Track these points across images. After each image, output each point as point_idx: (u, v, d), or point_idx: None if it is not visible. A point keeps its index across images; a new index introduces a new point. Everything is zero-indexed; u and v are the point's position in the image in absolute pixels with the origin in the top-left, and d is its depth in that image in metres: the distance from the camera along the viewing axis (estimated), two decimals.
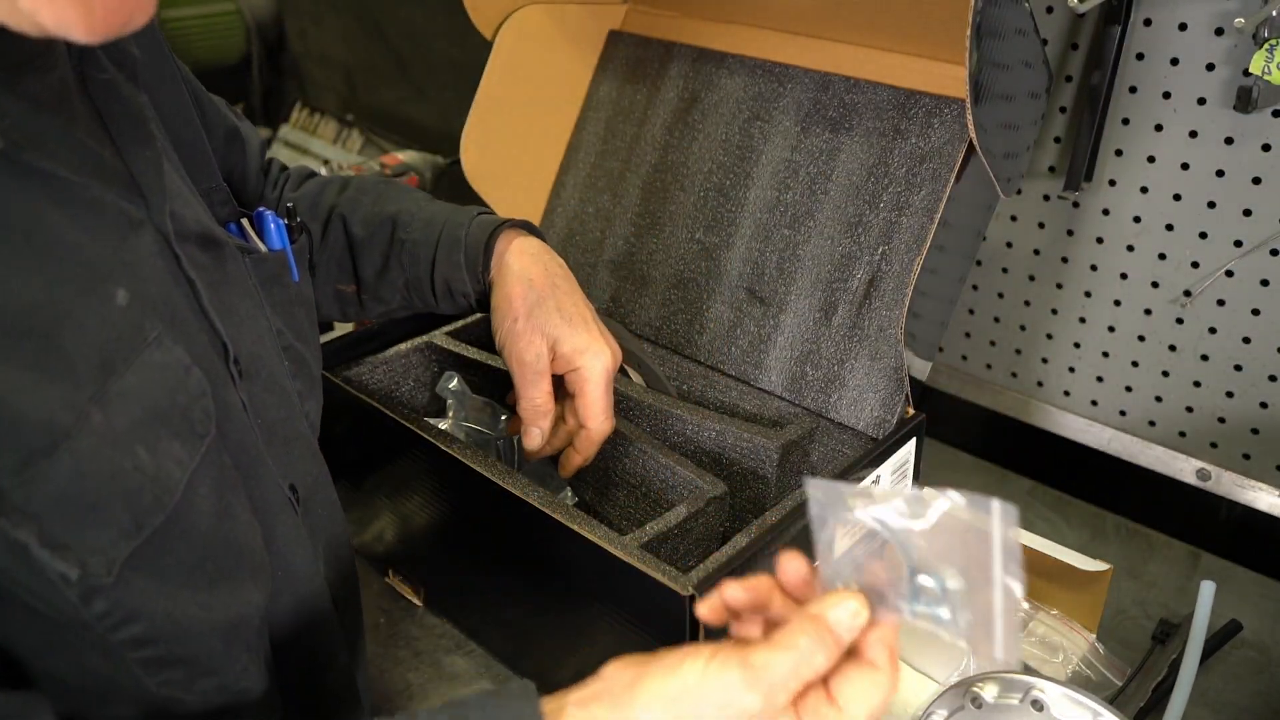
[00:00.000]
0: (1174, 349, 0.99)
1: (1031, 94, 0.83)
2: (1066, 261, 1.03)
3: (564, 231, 1.09)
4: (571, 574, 0.73)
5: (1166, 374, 1.00)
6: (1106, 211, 0.98)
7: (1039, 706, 0.67)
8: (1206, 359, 0.97)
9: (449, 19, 1.60)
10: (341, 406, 0.85)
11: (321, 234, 0.82)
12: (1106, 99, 0.92)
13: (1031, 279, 1.06)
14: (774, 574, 0.49)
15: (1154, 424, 1.03)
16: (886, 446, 0.81)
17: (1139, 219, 0.96)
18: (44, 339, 0.43)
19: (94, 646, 0.47)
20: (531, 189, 1.09)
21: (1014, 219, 1.05)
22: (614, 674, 0.47)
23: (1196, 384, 0.98)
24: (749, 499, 0.86)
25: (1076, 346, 1.06)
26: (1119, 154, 0.95)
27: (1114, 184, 0.96)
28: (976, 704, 0.68)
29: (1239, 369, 0.95)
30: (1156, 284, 0.97)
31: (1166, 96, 0.90)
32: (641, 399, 0.90)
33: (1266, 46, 0.80)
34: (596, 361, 0.76)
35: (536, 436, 0.79)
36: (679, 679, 0.45)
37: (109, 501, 0.44)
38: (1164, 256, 0.96)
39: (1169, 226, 0.95)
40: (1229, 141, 0.88)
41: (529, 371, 0.77)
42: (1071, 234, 1.01)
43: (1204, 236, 0.93)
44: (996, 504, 0.41)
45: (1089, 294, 1.02)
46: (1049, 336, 1.07)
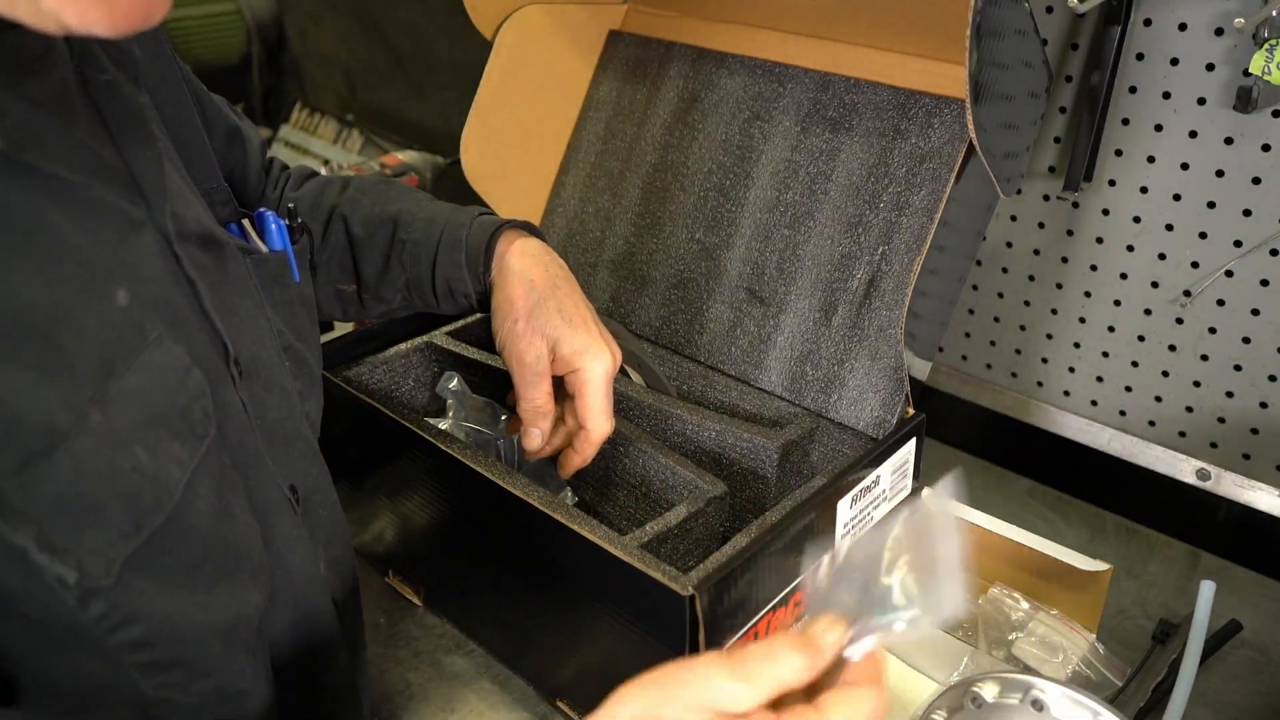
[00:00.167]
0: (1174, 349, 0.99)
1: (1031, 94, 0.83)
2: (1066, 261, 1.03)
3: (564, 231, 1.09)
4: (571, 574, 0.73)
5: (1166, 374, 1.00)
6: (1106, 211, 0.98)
7: (1039, 706, 0.67)
8: (1206, 359, 0.97)
9: (449, 19, 1.60)
10: (341, 406, 0.85)
11: (322, 234, 0.82)
12: (1106, 99, 0.92)
13: (1031, 279, 1.06)
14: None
15: (1154, 424, 1.03)
16: (886, 446, 0.81)
17: (1139, 219, 0.96)
18: (44, 339, 0.43)
19: (90, 651, 0.46)
20: (531, 189, 1.09)
21: (1014, 219, 1.05)
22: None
23: (1196, 384, 0.98)
24: (749, 499, 0.86)
25: (1076, 346, 1.06)
26: (1119, 154, 0.95)
27: (1114, 184, 0.96)
28: (976, 704, 0.68)
29: (1239, 369, 0.95)
30: (1156, 284, 0.97)
31: (1166, 96, 0.90)
32: (641, 399, 0.90)
33: (1266, 46, 0.80)
34: (597, 363, 0.76)
35: (536, 437, 0.79)
36: (660, 670, 0.45)
37: (108, 502, 0.44)
38: (1164, 256, 0.96)
39: (1169, 226, 0.95)
40: (1229, 141, 0.88)
41: (529, 373, 0.77)
42: (1071, 234, 1.01)
43: (1204, 236, 0.93)
44: (937, 486, 0.43)
45: (1089, 294, 1.02)
46: (1049, 336, 1.07)
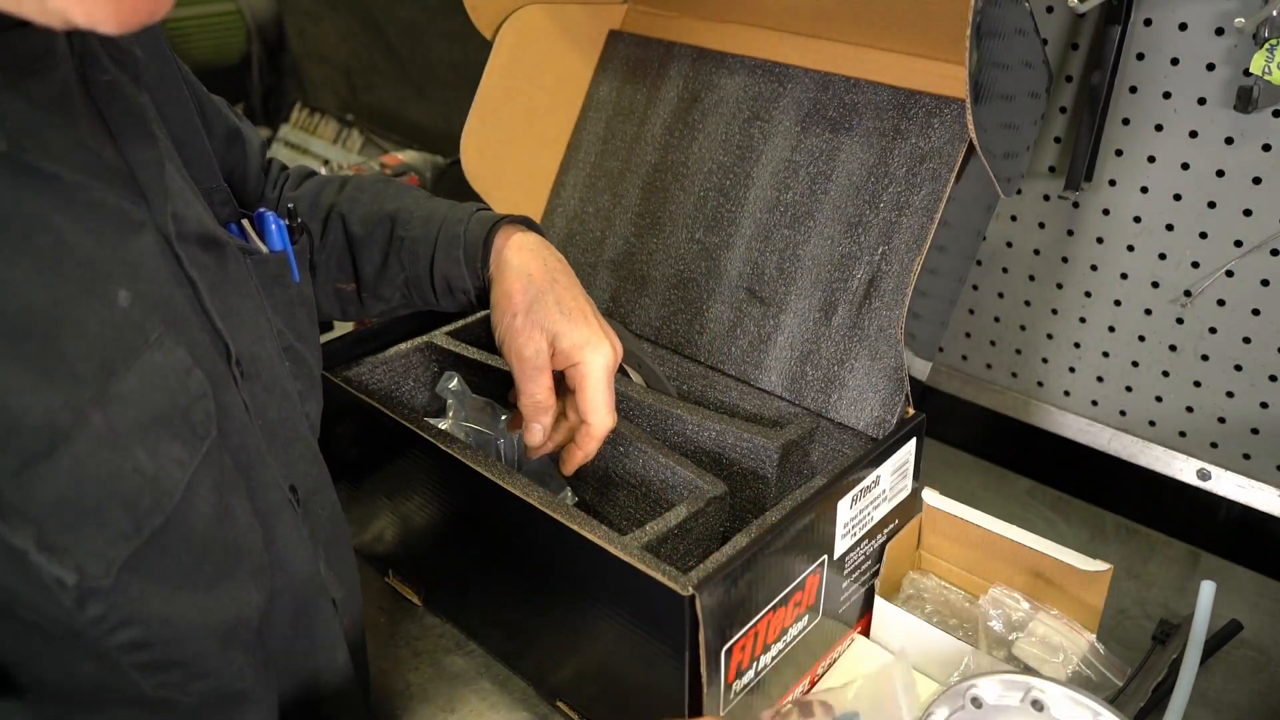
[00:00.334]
0: (1174, 349, 0.99)
1: (1031, 94, 0.83)
2: (1066, 261, 1.03)
3: (564, 231, 1.09)
4: (571, 574, 0.73)
5: (1166, 374, 1.00)
6: (1106, 211, 0.98)
7: (1039, 706, 0.67)
8: (1207, 359, 0.97)
9: (449, 19, 1.60)
10: (342, 407, 0.85)
11: (320, 233, 0.82)
12: (1106, 99, 0.92)
13: (1031, 279, 1.06)
14: None
15: (1154, 424, 1.03)
16: (886, 446, 0.81)
17: (1139, 219, 0.96)
18: (45, 340, 0.42)
19: (86, 652, 0.46)
20: (531, 189, 1.09)
21: (1014, 219, 1.05)
22: None
23: (1196, 384, 0.98)
24: (749, 499, 0.86)
25: (1076, 346, 1.06)
26: (1119, 154, 0.95)
27: (1114, 184, 0.96)
28: (976, 704, 0.68)
29: (1239, 369, 0.95)
30: (1157, 284, 0.97)
31: (1166, 96, 0.90)
32: (641, 399, 0.90)
33: (1267, 46, 0.80)
34: (597, 356, 0.75)
35: (538, 433, 0.78)
36: None
37: (108, 504, 0.44)
38: (1164, 256, 0.96)
39: (1169, 226, 0.95)
40: (1229, 141, 0.88)
41: (528, 367, 0.76)
42: (1071, 234, 1.01)
43: (1204, 236, 0.93)
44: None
45: (1089, 294, 1.02)
46: (1049, 336, 1.07)
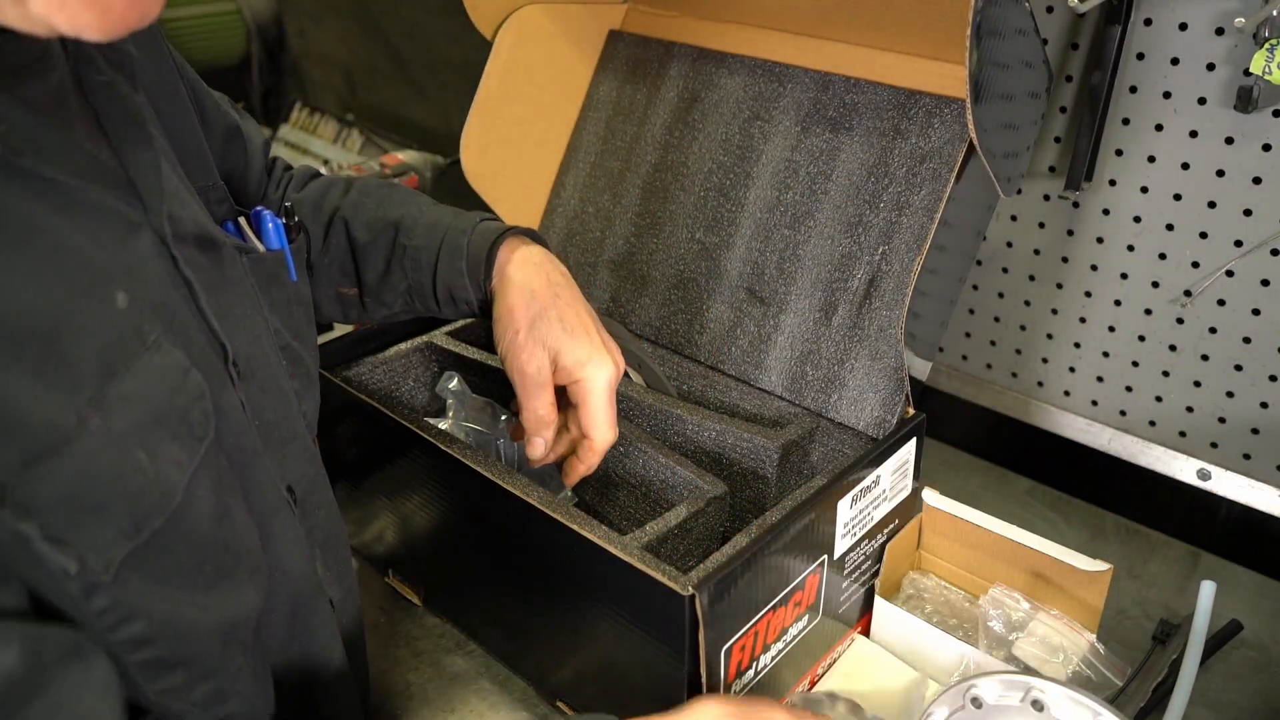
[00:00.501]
0: (1174, 349, 0.99)
1: (1031, 94, 0.82)
2: (1066, 261, 1.03)
3: (564, 231, 1.09)
4: (571, 574, 0.73)
5: (1167, 374, 1.00)
6: (1106, 211, 0.98)
7: (1039, 706, 0.67)
8: (1207, 359, 0.97)
9: (449, 19, 1.60)
10: (341, 406, 0.85)
11: (324, 237, 0.82)
12: (1106, 99, 0.92)
13: (1031, 279, 1.06)
14: None
15: (1154, 424, 1.03)
16: (886, 446, 0.81)
17: (1139, 219, 0.96)
18: (45, 343, 0.43)
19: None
20: (531, 189, 1.09)
21: (1014, 219, 1.05)
22: None
23: (1197, 384, 0.98)
24: (749, 499, 0.86)
25: (1076, 346, 1.06)
26: (1119, 154, 0.95)
27: (1114, 184, 0.96)
28: (976, 704, 0.68)
29: (1239, 369, 0.95)
30: (1157, 284, 0.97)
31: (1166, 96, 0.90)
32: (641, 399, 0.90)
33: (1267, 46, 0.80)
34: (599, 373, 0.76)
35: (540, 446, 0.79)
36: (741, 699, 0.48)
37: (110, 503, 0.44)
38: (1164, 256, 0.96)
39: (1169, 226, 0.95)
40: (1229, 141, 0.88)
41: (531, 383, 0.76)
42: (1071, 234, 1.01)
43: (1204, 236, 0.93)
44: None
45: (1089, 294, 1.02)
46: (1049, 336, 1.07)
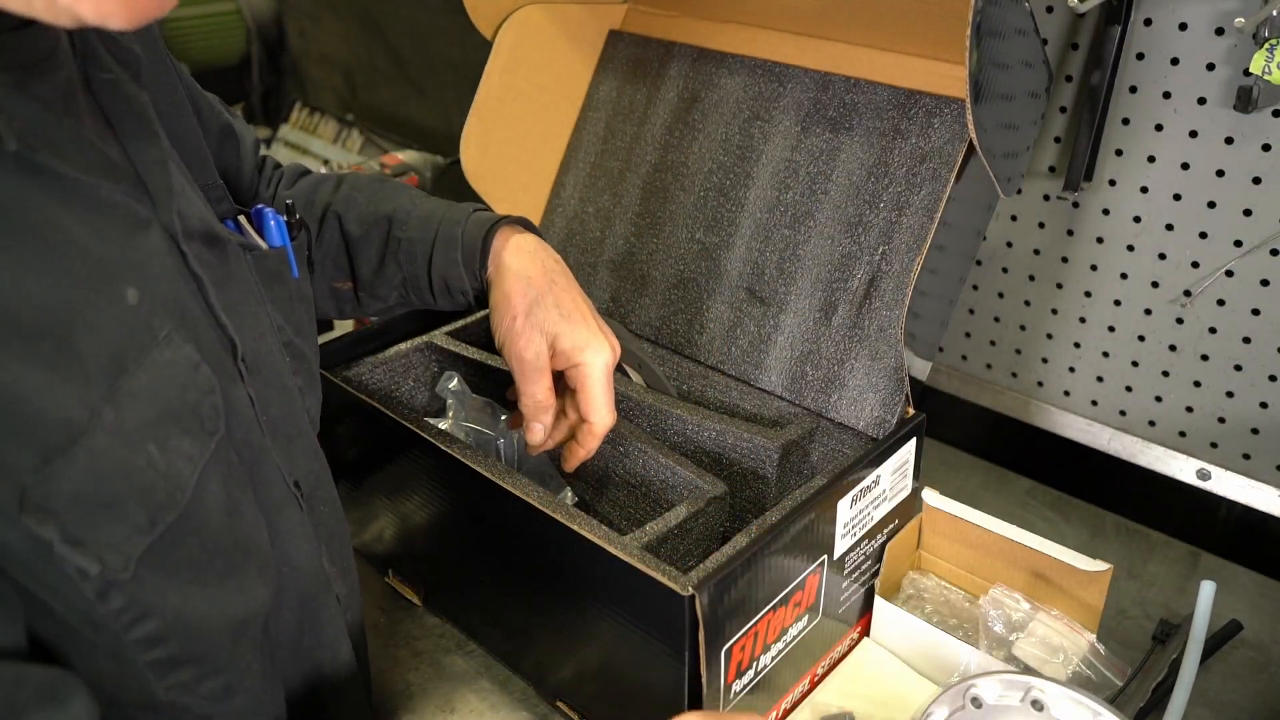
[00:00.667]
0: (1174, 349, 0.99)
1: (1031, 94, 0.83)
2: (1066, 261, 1.03)
3: (564, 231, 1.09)
4: (571, 574, 0.73)
5: (1166, 374, 1.00)
6: (1106, 211, 0.98)
7: (1039, 706, 0.67)
8: (1206, 359, 0.97)
9: (449, 19, 1.60)
10: (341, 406, 0.85)
11: (317, 232, 0.82)
12: (1106, 99, 0.92)
13: (1031, 279, 1.06)
14: None
15: (1154, 424, 1.03)
16: (886, 446, 0.81)
17: (1139, 219, 0.96)
18: (58, 338, 0.43)
19: (106, 650, 0.47)
20: (531, 189, 1.09)
21: (1014, 219, 1.05)
22: None
23: (1196, 384, 0.98)
24: (749, 499, 0.86)
25: (1076, 346, 1.06)
26: (1119, 154, 0.95)
27: (1114, 184, 0.96)
28: (976, 704, 0.68)
29: (1239, 369, 0.95)
30: (1156, 284, 0.97)
31: (1166, 96, 0.90)
32: (641, 399, 0.90)
33: (1266, 46, 0.80)
34: (596, 357, 0.76)
35: (539, 432, 0.79)
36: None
37: (124, 498, 0.45)
38: (1164, 256, 0.96)
39: (1169, 226, 0.95)
40: (1229, 141, 0.88)
41: (529, 369, 0.77)
42: (1071, 234, 1.01)
43: (1204, 236, 0.93)
44: None
45: (1089, 294, 1.02)
46: (1049, 336, 1.07)
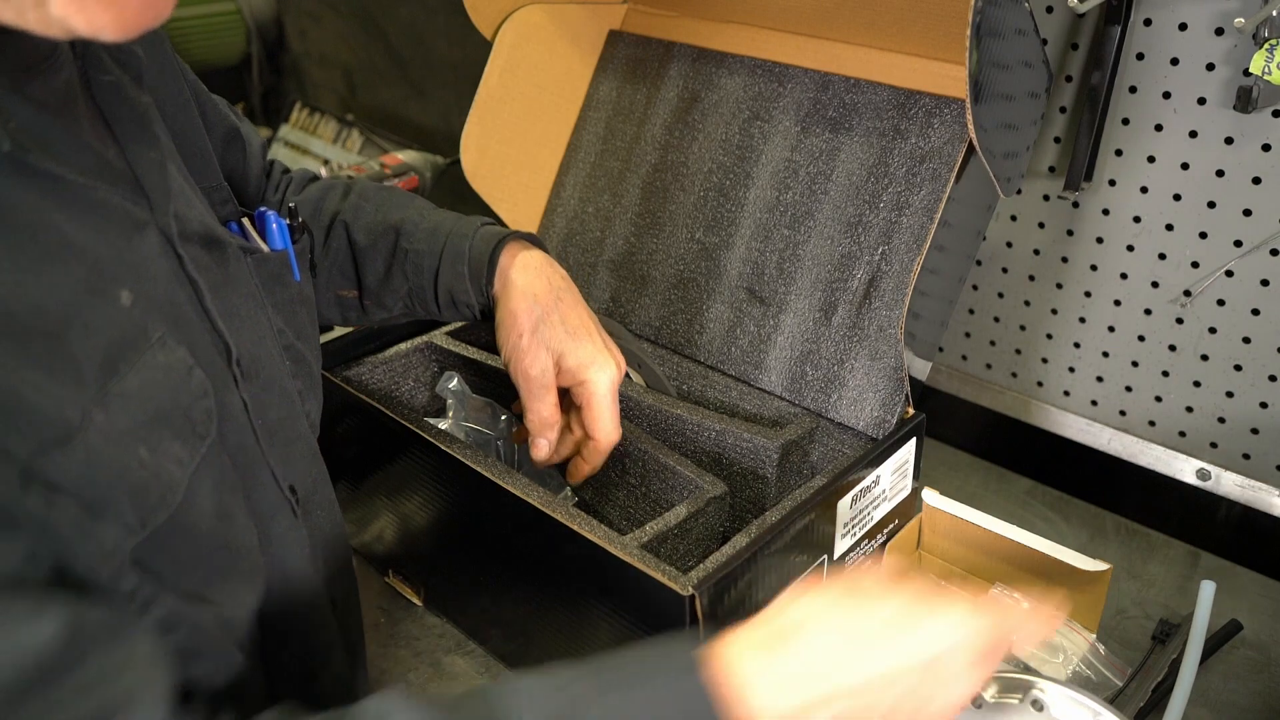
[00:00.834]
0: (1174, 349, 0.99)
1: (1031, 94, 0.83)
2: (1066, 261, 1.03)
3: (564, 231, 1.09)
4: (571, 574, 0.73)
5: (1166, 374, 1.00)
6: (1106, 211, 0.98)
7: (1039, 706, 0.67)
8: (1206, 359, 0.97)
9: (449, 19, 1.60)
10: (341, 407, 0.85)
11: (324, 240, 0.82)
12: (1106, 99, 0.92)
13: (1031, 279, 1.06)
14: None
15: (1154, 424, 1.03)
16: (886, 446, 0.81)
17: (1139, 219, 0.96)
18: (52, 339, 0.43)
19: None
20: (531, 189, 1.09)
21: (1014, 219, 1.05)
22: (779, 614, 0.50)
23: (1196, 384, 0.98)
24: (749, 499, 0.86)
25: (1076, 346, 1.06)
26: (1119, 154, 0.95)
27: (1114, 184, 0.96)
28: (976, 704, 0.68)
29: (1239, 369, 0.95)
30: (1156, 284, 0.97)
31: (1166, 96, 0.90)
32: (641, 399, 0.90)
33: (1266, 46, 0.80)
34: (602, 375, 0.76)
35: (544, 448, 0.79)
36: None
37: (116, 499, 0.45)
38: (1164, 256, 0.96)
39: (1169, 226, 0.95)
40: (1229, 141, 0.88)
41: (535, 386, 0.77)
42: (1071, 234, 1.01)
43: (1204, 236, 0.93)
44: None
45: (1089, 294, 1.02)
46: (1049, 336, 1.07)
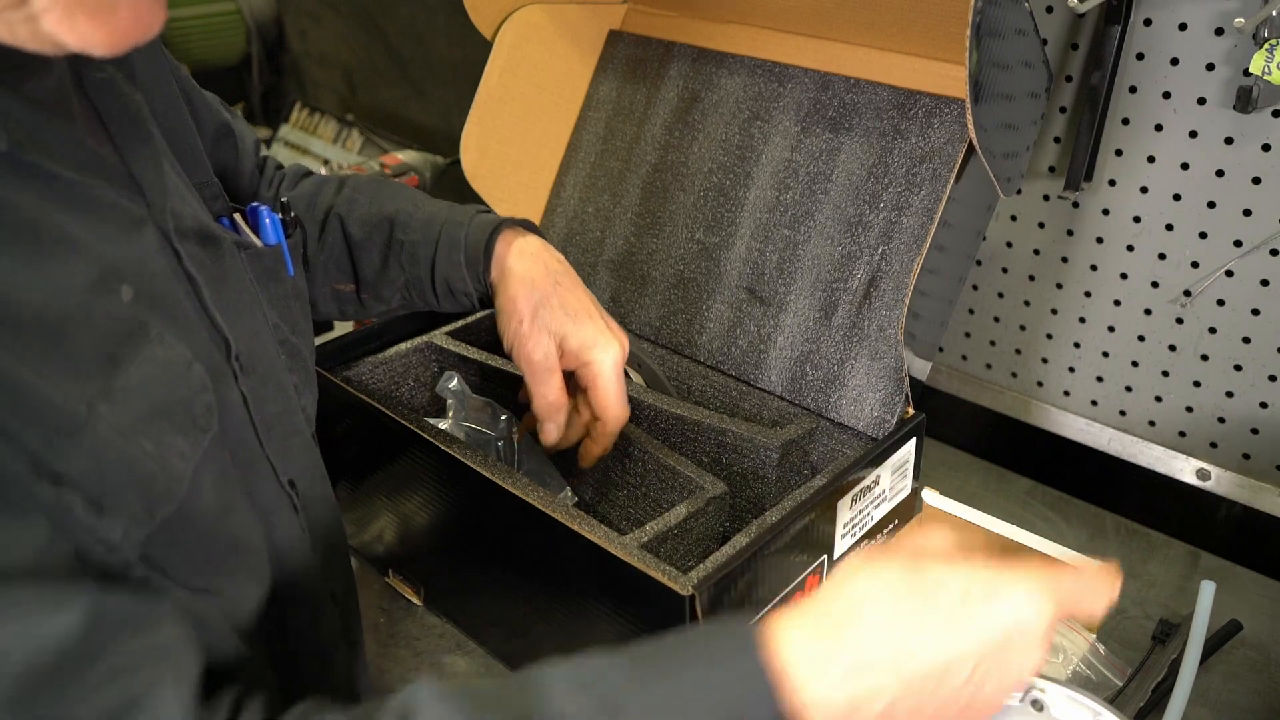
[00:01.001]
0: (1174, 349, 0.99)
1: (1031, 94, 0.83)
2: (1066, 261, 1.03)
3: (564, 231, 1.09)
4: (571, 574, 0.73)
5: (1166, 374, 1.00)
6: (1106, 211, 0.98)
7: (1039, 706, 0.67)
8: (1206, 359, 0.97)
9: (449, 19, 1.60)
10: (341, 406, 0.85)
11: (319, 235, 0.82)
12: (1106, 99, 0.92)
13: (1031, 279, 1.06)
14: None
15: (1154, 424, 1.03)
16: (886, 446, 0.81)
17: (1139, 219, 0.96)
18: (55, 335, 0.43)
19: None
20: (531, 189, 1.09)
21: (1014, 219, 1.05)
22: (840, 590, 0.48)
23: (1196, 384, 0.98)
24: (749, 499, 0.86)
25: (1076, 346, 1.06)
26: (1119, 154, 0.95)
27: (1114, 184, 0.96)
28: None
29: (1239, 369, 0.95)
30: (1156, 284, 0.97)
31: (1166, 96, 0.90)
32: (641, 399, 0.90)
33: (1266, 46, 0.80)
34: (606, 354, 0.76)
35: (553, 432, 0.79)
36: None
37: (124, 489, 0.45)
38: (1164, 256, 0.96)
39: (1169, 226, 0.95)
40: (1229, 141, 0.88)
41: (539, 370, 0.77)
42: (1071, 234, 1.01)
43: (1204, 236, 0.93)
44: None
45: (1089, 294, 1.02)
46: (1049, 336, 1.07)
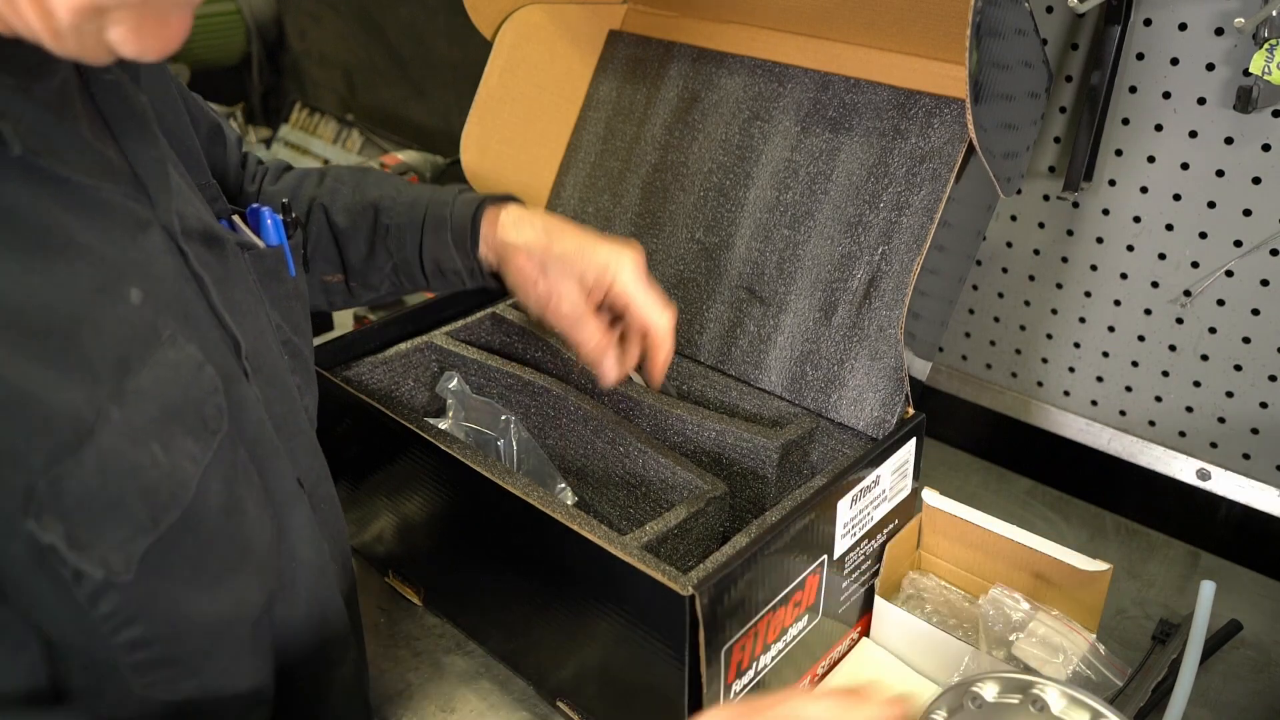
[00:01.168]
0: (1174, 349, 0.99)
1: (1031, 94, 0.82)
2: (1066, 261, 1.03)
3: None
4: (571, 574, 0.73)
5: (1166, 374, 1.00)
6: (1106, 211, 0.98)
7: (1039, 706, 0.67)
8: (1206, 359, 0.97)
9: (449, 19, 1.60)
10: (341, 406, 0.85)
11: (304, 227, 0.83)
12: (1106, 99, 0.92)
13: (1031, 279, 1.06)
14: None
15: (1154, 424, 1.03)
16: (886, 446, 0.81)
17: (1139, 219, 0.96)
18: (65, 339, 0.43)
19: (86, 655, 0.47)
20: (531, 189, 1.09)
21: (1014, 219, 1.05)
22: None
23: (1196, 384, 0.98)
24: (749, 499, 0.86)
25: (1076, 346, 1.06)
26: (1119, 154, 0.95)
27: (1114, 184, 0.96)
28: (976, 704, 0.68)
29: (1239, 369, 0.95)
30: (1156, 284, 0.97)
31: (1166, 96, 0.90)
32: (641, 399, 0.90)
33: (1266, 46, 0.80)
34: (623, 266, 0.77)
35: (611, 370, 0.80)
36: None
37: (129, 498, 0.45)
38: (1164, 256, 0.96)
39: (1169, 226, 0.95)
40: (1229, 141, 0.88)
41: (573, 321, 0.79)
42: (1071, 234, 1.01)
43: (1204, 236, 0.93)
44: None
45: (1089, 294, 1.02)
46: (1049, 336, 1.07)
